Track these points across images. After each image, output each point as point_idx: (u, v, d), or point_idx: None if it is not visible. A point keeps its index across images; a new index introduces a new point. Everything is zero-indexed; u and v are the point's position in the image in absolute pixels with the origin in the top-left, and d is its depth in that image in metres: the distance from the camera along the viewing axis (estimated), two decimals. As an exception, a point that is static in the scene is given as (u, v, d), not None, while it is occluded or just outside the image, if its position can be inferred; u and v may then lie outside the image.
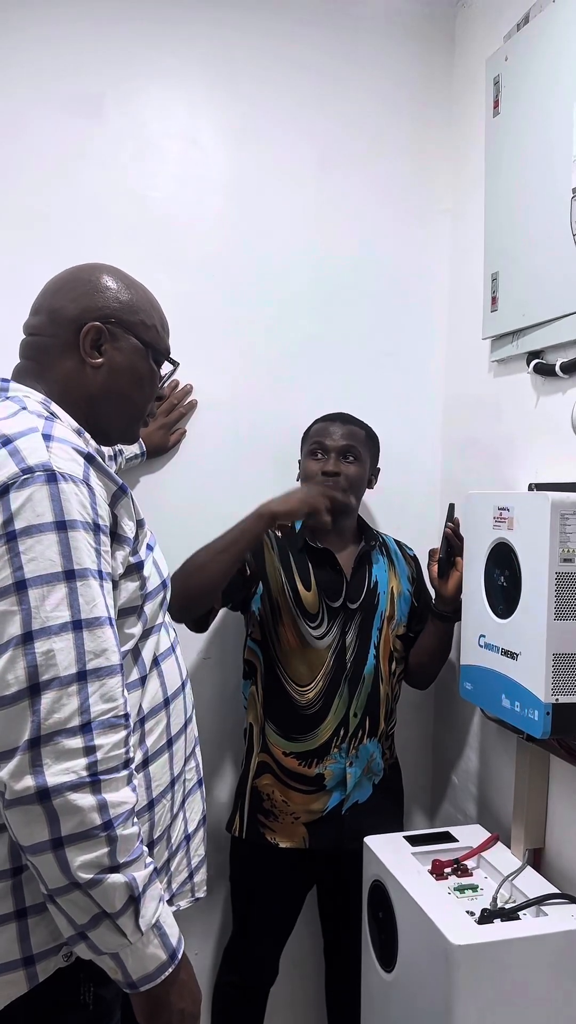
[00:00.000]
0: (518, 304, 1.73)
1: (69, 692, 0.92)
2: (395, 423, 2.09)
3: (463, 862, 1.64)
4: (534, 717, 1.44)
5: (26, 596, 0.92)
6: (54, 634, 0.93)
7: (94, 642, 0.95)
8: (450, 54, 2.09)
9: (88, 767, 0.91)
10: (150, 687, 1.14)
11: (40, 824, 0.90)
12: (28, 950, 1.01)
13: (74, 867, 0.90)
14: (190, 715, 1.26)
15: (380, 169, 2.06)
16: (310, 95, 2.01)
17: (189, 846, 1.24)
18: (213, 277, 1.97)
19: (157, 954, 0.97)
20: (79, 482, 0.98)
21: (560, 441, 1.63)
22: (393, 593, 1.86)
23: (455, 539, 1.78)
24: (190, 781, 1.26)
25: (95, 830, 0.91)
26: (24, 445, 0.98)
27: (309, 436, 1.86)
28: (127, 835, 0.94)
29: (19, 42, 1.84)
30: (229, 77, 1.96)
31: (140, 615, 1.11)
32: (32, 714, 0.91)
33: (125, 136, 1.91)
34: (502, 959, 1.37)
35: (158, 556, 1.18)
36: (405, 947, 1.53)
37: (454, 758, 2.08)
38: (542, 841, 1.67)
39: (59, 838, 0.90)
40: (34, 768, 0.90)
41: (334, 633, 1.77)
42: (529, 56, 1.68)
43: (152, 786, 1.13)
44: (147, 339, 1.19)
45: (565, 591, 1.41)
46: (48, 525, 0.94)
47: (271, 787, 1.76)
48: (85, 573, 0.96)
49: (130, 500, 1.09)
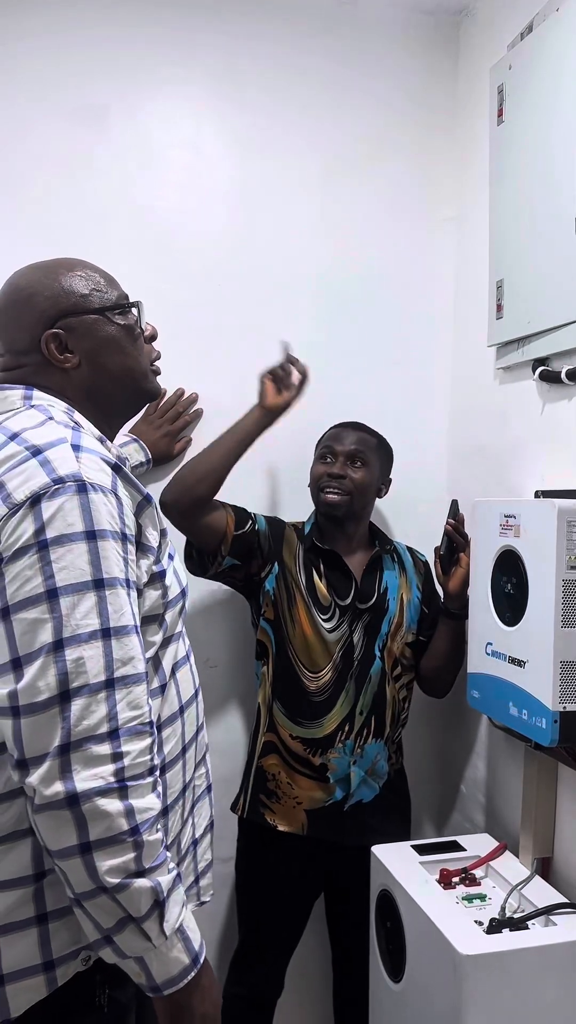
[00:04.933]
0: (523, 311, 1.73)
1: (98, 699, 0.93)
2: (401, 431, 2.08)
3: (471, 871, 1.63)
4: (542, 725, 1.44)
5: (57, 604, 0.94)
6: (84, 642, 0.94)
7: (122, 650, 0.97)
8: (454, 63, 2.10)
9: (116, 773, 0.92)
10: (168, 696, 1.15)
11: (69, 829, 0.91)
12: (49, 955, 1.01)
13: (102, 872, 0.91)
14: (201, 722, 1.27)
15: (385, 178, 2.07)
16: (315, 104, 2.02)
17: (196, 851, 1.25)
18: (218, 286, 1.98)
19: (180, 958, 0.97)
20: (108, 492, 1.00)
21: (566, 448, 1.63)
22: (403, 600, 1.86)
23: (456, 536, 1.80)
24: (199, 787, 1.27)
25: (122, 835, 0.92)
26: (54, 456, 0.99)
27: (321, 441, 1.89)
28: (152, 840, 0.94)
29: (25, 52, 1.85)
30: (234, 87, 1.97)
31: (161, 623, 1.12)
32: (63, 720, 0.92)
33: (130, 146, 1.92)
34: (511, 969, 1.36)
35: (178, 565, 1.19)
36: (413, 957, 1.52)
37: (462, 767, 2.08)
38: (551, 850, 1.66)
39: (87, 843, 0.91)
40: (64, 774, 0.91)
41: (343, 629, 1.79)
42: (533, 65, 1.69)
43: (167, 793, 1.14)
44: (95, 307, 1.16)
45: (572, 598, 1.41)
46: (79, 535, 0.96)
47: (277, 767, 1.78)
48: (114, 582, 0.97)
49: (154, 509, 1.10)
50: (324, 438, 1.89)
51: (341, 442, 1.83)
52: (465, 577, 1.78)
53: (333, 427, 1.90)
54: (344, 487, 1.80)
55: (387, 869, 1.62)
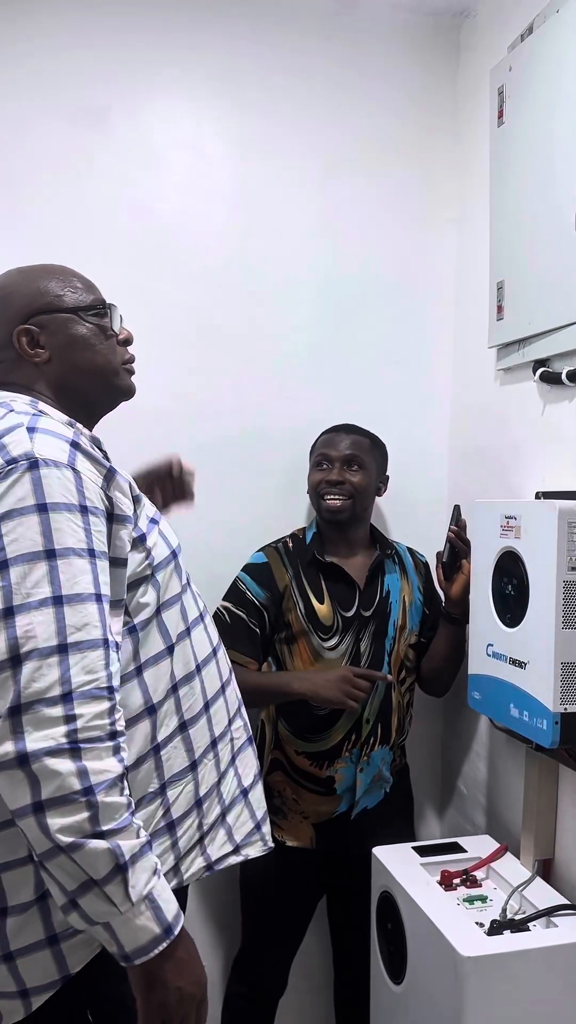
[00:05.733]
0: (524, 312, 1.73)
1: (49, 663, 0.96)
2: (402, 432, 2.09)
3: (472, 873, 1.63)
4: (543, 726, 1.43)
5: (7, 574, 0.97)
6: (34, 609, 0.97)
7: (75, 616, 0.99)
8: (454, 64, 2.10)
9: (68, 735, 0.94)
10: (180, 655, 1.19)
11: (23, 788, 0.94)
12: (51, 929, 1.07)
13: (53, 830, 0.93)
14: (227, 678, 1.30)
15: (385, 179, 2.07)
16: (315, 105, 2.02)
17: (248, 799, 1.29)
18: (219, 287, 1.98)
19: (149, 927, 0.97)
20: (62, 467, 1.03)
21: (567, 449, 1.63)
22: (405, 603, 1.86)
23: (459, 542, 1.79)
24: (239, 740, 1.30)
25: (74, 795, 0.93)
26: (9, 440, 1.04)
27: (315, 448, 1.89)
28: (110, 802, 0.95)
29: (25, 53, 1.85)
30: (235, 88, 1.97)
31: (152, 583, 1.15)
32: (13, 684, 0.95)
33: (131, 147, 1.92)
34: (512, 971, 1.36)
35: (164, 528, 1.22)
36: (414, 959, 1.52)
37: (463, 768, 2.07)
38: (552, 852, 1.66)
39: (40, 802, 0.93)
40: (15, 734, 0.94)
41: (348, 642, 1.78)
42: (533, 66, 1.69)
43: (194, 748, 1.19)
44: (69, 306, 1.22)
45: (573, 599, 1.41)
46: (30, 508, 1.00)
47: (282, 784, 1.78)
48: (67, 552, 1.00)
49: (121, 480, 1.12)
50: (318, 444, 1.89)
51: (336, 447, 1.83)
52: (467, 583, 1.77)
53: (325, 432, 1.89)
54: (344, 492, 1.80)
55: (388, 871, 1.62)
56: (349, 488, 1.80)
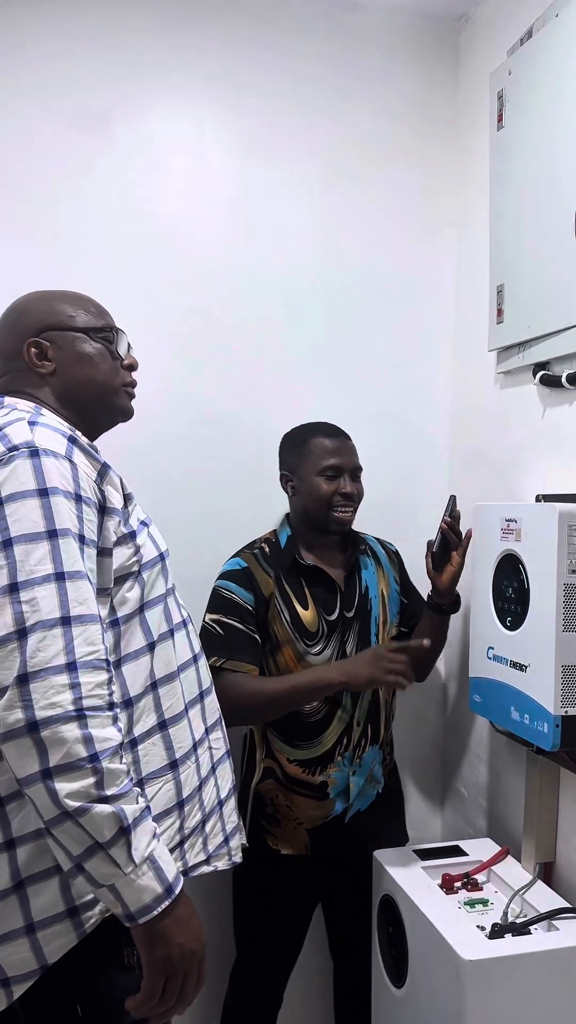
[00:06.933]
0: (524, 316, 1.73)
1: (53, 634, 1.01)
2: (402, 435, 2.09)
3: (473, 876, 1.63)
4: (543, 729, 1.43)
5: (11, 552, 1.03)
6: (38, 584, 1.02)
7: (76, 592, 1.04)
8: (454, 68, 2.10)
9: (74, 702, 0.99)
10: (161, 654, 1.23)
11: (31, 756, 0.97)
12: (71, 901, 1.10)
13: (62, 795, 0.96)
14: (207, 688, 1.34)
15: (385, 183, 2.07)
16: (316, 110, 2.02)
17: (223, 811, 1.31)
18: (220, 291, 1.98)
19: (152, 886, 1.02)
20: (61, 457, 1.10)
21: (567, 452, 1.63)
22: (384, 597, 1.84)
23: (451, 534, 1.77)
24: (218, 751, 1.33)
25: (81, 761, 0.97)
26: (11, 430, 1.11)
27: (311, 452, 1.77)
28: (113, 769, 0.99)
29: (27, 59, 1.85)
30: (235, 93, 1.98)
31: (138, 579, 1.21)
32: (20, 654, 0.99)
33: (132, 152, 1.93)
34: (513, 974, 1.36)
35: (154, 532, 1.28)
36: (416, 962, 1.52)
37: (464, 771, 2.07)
38: (553, 855, 1.66)
39: (48, 769, 0.97)
40: (24, 701, 0.98)
41: (334, 645, 1.75)
42: (533, 70, 1.70)
43: (174, 747, 1.22)
44: (80, 326, 1.30)
45: (574, 602, 1.41)
46: (31, 492, 1.06)
47: (274, 791, 1.75)
48: (66, 532, 1.06)
49: (114, 476, 1.19)
50: (319, 451, 1.76)
51: (344, 456, 1.76)
52: (456, 575, 1.77)
53: (324, 439, 1.78)
54: (354, 503, 1.78)
55: (389, 874, 1.62)
56: (357, 498, 1.78)
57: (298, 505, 1.80)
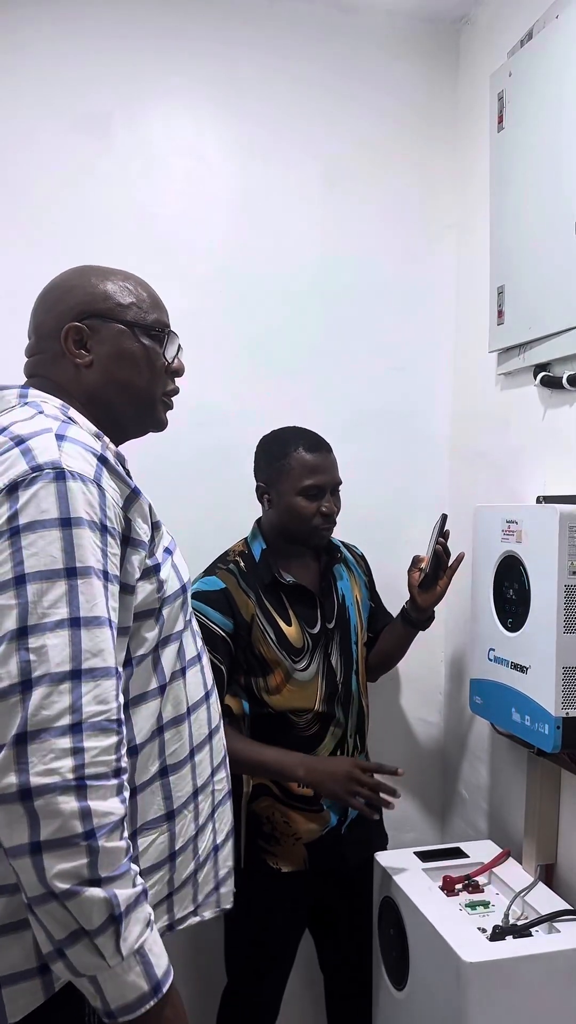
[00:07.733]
0: (524, 317, 1.73)
1: (60, 690, 0.89)
2: (403, 436, 2.09)
3: (474, 878, 1.63)
4: (544, 731, 1.43)
5: (24, 591, 0.91)
6: (49, 630, 0.91)
7: (91, 641, 0.93)
8: (454, 70, 2.10)
9: (74, 769, 0.88)
10: (171, 696, 1.12)
11: (21, 825, 0.87)
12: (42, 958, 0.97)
13: (50, 875, 0.86)
14: (216, 725, 1.23)
15: (385, 185, 2.08)
16: (316, 112, 2.02)
17: (217, 857, 1.21)
18: (219, 293, 1.98)
19: (138, 983, 0.90)
20: (89, 481, 0.98)
21: (568, 453, 1.63)
22: (358, 604, 1.82)
23: (444, 556, 1.74)
24: (220, 792, 1.22)
25: (75, 838, 0.87)
26: (36, 445, 0.98)
27: (291, 468, 1.68)
28: (111, 848, 0.89)
29: (28, 61, 1.86)
30: (235, 95, 1.98)
31: (158, 618, 1.09)
32: (21, 710, 0.88)
33: (132, 154, 1.93)
34: (514, 976, 1.36)
35: (178, 560, 1.16)
36: (417, 965, 1.52)
37: (464, 773, 2.07)
38: (554, 856, 1.66)
39: (38, 842, 0.86)
40: (19, 765, 0.87)
41: (319, 659, 1.71)
42: (533, 71, 1.70)
43: (173, 797, 1.11)
44: (128, 319, 1.17)
45: (574, 604, 1.41)
46: (52, 521, 0.94)
47: (270, 809, 1.69)
48: (88, 571, 0.94)
49: (144, 503, 1.07)
50: (300, 468, 1.67)
51: (326, 474, 1.69)
52: (440, 597, 1.76)
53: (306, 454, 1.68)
54: (334, 518, 1.72)
55: (390, 877, 1.62)
56: (337, 513, 1.73)
57: (274, 519, 1.72)
